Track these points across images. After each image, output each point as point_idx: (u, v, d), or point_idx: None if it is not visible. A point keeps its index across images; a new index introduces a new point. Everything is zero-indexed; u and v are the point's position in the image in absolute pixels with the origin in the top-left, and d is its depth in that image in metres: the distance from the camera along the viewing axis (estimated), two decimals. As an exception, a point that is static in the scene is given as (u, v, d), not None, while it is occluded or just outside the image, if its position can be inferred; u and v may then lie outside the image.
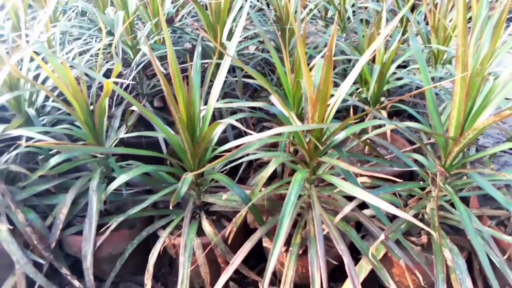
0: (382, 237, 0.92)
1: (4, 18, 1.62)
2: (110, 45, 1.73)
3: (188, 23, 1.93)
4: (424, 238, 1.14)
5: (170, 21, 1.89)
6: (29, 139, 1.19)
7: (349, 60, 1.90)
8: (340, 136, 1.00)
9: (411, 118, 1.84)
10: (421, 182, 1.09)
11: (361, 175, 1.18)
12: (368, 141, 1.27)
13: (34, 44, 1.11)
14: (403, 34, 1.76)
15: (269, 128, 1.73)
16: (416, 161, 1.16)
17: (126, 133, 1.27)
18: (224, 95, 1.81)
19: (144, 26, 1.74)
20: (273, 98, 1.11)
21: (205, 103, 1.15)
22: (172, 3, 1.79)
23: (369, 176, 1.12)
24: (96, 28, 1.67)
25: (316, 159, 1.00)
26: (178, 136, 1.06)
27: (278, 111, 1.06)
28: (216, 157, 1.16)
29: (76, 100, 1.08)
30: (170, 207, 0.93)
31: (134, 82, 1.72)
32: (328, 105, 0.96)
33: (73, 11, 2.11)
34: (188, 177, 1.00)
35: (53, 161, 1.13)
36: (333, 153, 1.09)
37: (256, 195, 1.04)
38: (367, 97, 1.37)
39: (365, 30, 1.71)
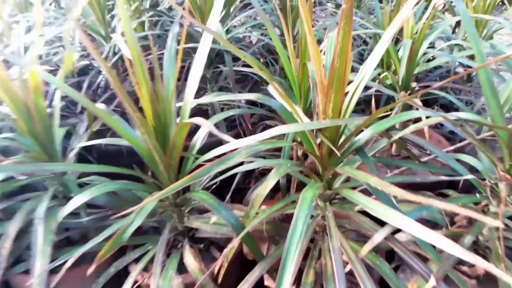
0: (432, 282, 0.64)
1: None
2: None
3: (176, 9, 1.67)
4: (479, 268, 0.86)
5: (155, 5, 1.63)
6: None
7: (366, 43, 1.61)
8: (364, 135, 0.72)
9: (444, 107, 1.54)
10: (477, 195, 0.80)
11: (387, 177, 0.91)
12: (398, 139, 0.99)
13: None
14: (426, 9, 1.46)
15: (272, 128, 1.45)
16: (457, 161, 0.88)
17: (88, 140, 1.01)
18: (219, 89, 1.54)
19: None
20: (271, 88, 0.83)
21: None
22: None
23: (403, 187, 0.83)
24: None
25: (331, 168, 0.73)
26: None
27: (278, 105, 0.79)
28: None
29: (12, 103, 0.82)
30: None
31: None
32: (346, 93, 0.69)
33: (50, 4, 1.88)
34: (151, 200, 0.73)
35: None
36: (354, 158, 0.81)
37: (251, 219, 0.77)
38: (393, 83, 1.08)
39: (384, 7, 1.42)
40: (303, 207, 0.65)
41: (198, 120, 0.59)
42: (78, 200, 0.83)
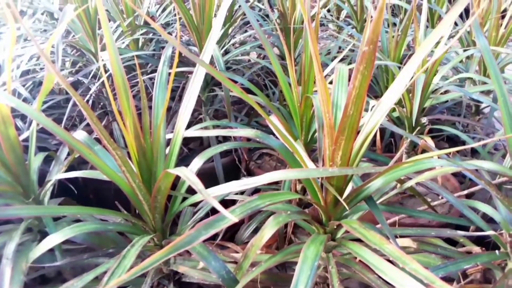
0: None
1: None
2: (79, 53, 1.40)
3: (173, 24, 1.60)
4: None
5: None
6: None
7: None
8: (374, 184, 0.64)
9: (450, 139, 1.48)
10: (496, 252, 0.72)
11: (398, 228, 0.83)
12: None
13: None
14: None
15: (270, 156, 1.37)
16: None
17: (68, 167, 0.92)
18: (214, 112, 1.47)
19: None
20: (271, 123, 0.75)
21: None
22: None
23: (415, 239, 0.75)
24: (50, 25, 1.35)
25: (336, 221, 0.65)
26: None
27: (278, 144, 0.71)
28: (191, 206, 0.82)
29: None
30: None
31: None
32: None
33: (42, 14, 1.80)
34: (134, 249, 0.64)
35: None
36: (360, 205, 0.73)
37: (244, 271, 0.68)
38: (401, 117, 1.01)
39: (390, 32, 1.36)
40: (304, 268, 0.56)
41: (182, 172, 0.50)
42: (52, 240, 0.74)
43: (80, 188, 1.17)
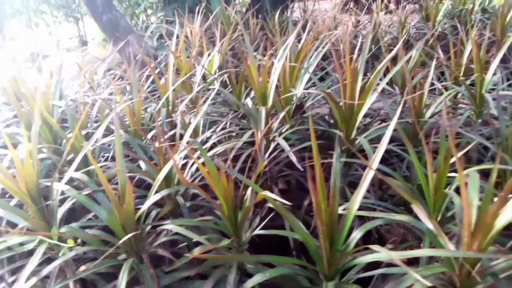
0: None
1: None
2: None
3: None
4: None
5: (299, 107, 1.98)
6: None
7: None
8: (501, 264, 0.91)
9: None
10: None
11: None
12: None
13: (191, 144, 1.25)
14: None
15: (398, 224, 1.65)
16: None
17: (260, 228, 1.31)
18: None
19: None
20: (418, 211, 1.06)
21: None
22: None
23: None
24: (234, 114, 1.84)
25: (470, 288, 0.92)
26: (317, 241, 1.08)
27: (425, 227, 1.01)
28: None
29: (222, 197, 1.16)
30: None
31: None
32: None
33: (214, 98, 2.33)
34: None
35: (196, 251, 1.21)
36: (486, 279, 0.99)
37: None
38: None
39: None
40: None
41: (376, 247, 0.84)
42: (258, 278, 1.11)
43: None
